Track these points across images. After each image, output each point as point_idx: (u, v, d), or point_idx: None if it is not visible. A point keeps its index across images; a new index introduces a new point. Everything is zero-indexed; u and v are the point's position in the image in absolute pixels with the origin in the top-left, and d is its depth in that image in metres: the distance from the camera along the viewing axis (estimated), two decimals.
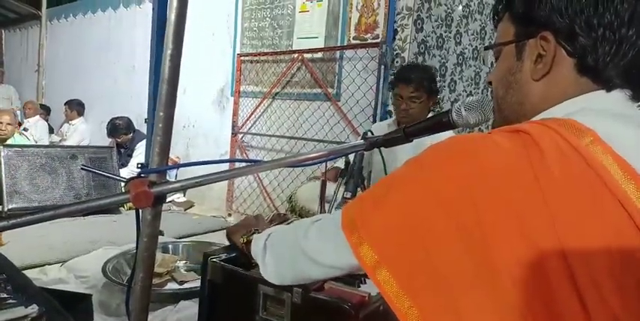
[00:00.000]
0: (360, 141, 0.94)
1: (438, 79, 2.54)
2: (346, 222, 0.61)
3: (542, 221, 0.49)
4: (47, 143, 5.07)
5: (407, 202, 0.56)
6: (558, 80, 0.64)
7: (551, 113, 0.62)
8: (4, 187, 2.53)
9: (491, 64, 0.76)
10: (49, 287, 1.27)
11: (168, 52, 0.73)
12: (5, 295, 1.00)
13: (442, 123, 0.83)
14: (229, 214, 4.21)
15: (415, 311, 0.52)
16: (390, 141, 0.92)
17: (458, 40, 3.65)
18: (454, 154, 0.55)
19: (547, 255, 0.48)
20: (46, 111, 6.00)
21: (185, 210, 3.85)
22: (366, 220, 0.58)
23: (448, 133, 0.94)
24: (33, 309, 0.93)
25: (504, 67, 0.70)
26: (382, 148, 1.01)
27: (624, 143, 0.53)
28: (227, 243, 1.06)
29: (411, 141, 0.91)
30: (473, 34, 3.83)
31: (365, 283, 0.92)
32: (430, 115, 2.18)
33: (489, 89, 0.77)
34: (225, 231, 1.07)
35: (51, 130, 5.79)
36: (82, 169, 2.73)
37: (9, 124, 3.44)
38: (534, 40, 0.64)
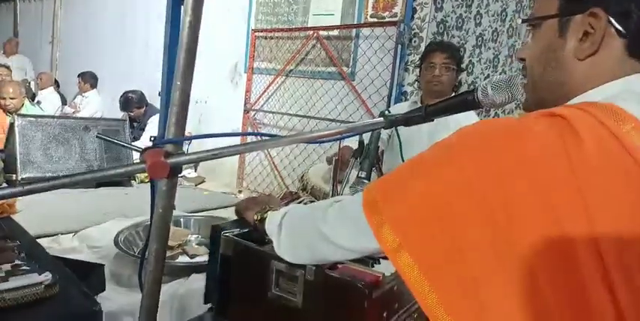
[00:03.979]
0: (379, 119, 0.91)
1: None
2: (367, 203, 0.60)
3: (575, 210, 0.47)
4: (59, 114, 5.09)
5: (434, 186, 0.54)
6: (605, 61, 0.60)
7: (590, 96, 0.59)
8: (18, 156, 2.54)
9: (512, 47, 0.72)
10: (62, 256, 1.28)
11: (188, 19, 0.71)
12: (19, 262, 1.00)
13: (467, 102, 0.80)
14: (239, 191, 4.22)
15: (434, 296, 0.51)
16: (410, 120, 0.89)
17: (478, 21, 3.56)
18: (487, 141, 0.53)
19: (578, 242, 0.47)
20: (56, 84, 6.00)
21: (196, 185, 3.87)
22: (388, 202, 0.57)
23: (470, 115, 0.91)
24: (47, 276, 0.93)
25: (543, 44, 0.66)
26: (400, 129, 0.99)
27: None
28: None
29: (432, 120, 0.88)
30: (493, 15, 3.73)
31: (379, 263, 0.91)
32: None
33: (521, 65, 0.73)
34: (234, 207, 1.06)
35: (64, 102, 5.81)
36: (97, 137, 2.73)
37: (12, 98, 3.34)
38: (581, 17, 0.61)
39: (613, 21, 0.58)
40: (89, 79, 5.56)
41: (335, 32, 3.65)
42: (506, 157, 0.51)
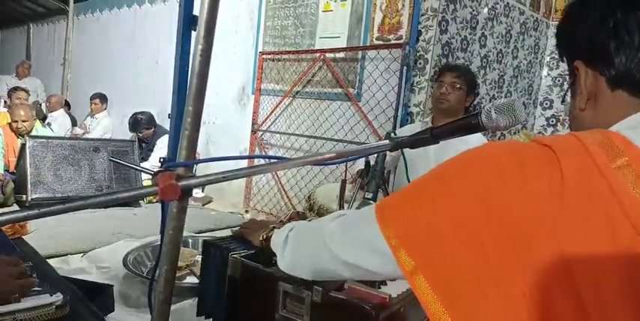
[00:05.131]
0: (385, 141, 0.93)
1: None
2: (383, 225, 0.60)
3: (549, 244, 0.48)
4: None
5: (433, 211, 0.56)
6: (601, 103, 0.63)
7: None
8: (29, 177, 2.58)
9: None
10: (72, 277, 1.29)
11: (200, 47, 0.74)
12: None
13: (471, 125, 0.82)
14: (246, 211, 4.23)
15: (447, 318, 0.52)
16: (416, 142, 0.90)
17: (482, 43, 3.61)
18: (482, 170, 0.55)
19: (552, 276, 0.47)
20: (67, 106, 6.10)
21: (203, 205, 3.89)
22: (399, 225, 0.59)
23: (477, 137, 0.93)
24: (58, 297, 0.94)
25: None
26: (408, 150, 1.00)
27: None
28: None
29: (438, 142, 0.90)
30: (498, 37, 3.78)
31: (386, 284, 0.91)
32: None
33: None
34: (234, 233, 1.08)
35: (74, 123, 5.89)
36: (110, 160, 2.78)
37: (24, 120, 3.40)
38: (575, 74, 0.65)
39: (589, 65, 0.62)
40: (105, 101, 5.65)
41: (341, 54, 3.71)
42: (495, 190, 0.52)
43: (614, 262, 0.47)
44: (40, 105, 5.97)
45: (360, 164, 1.87)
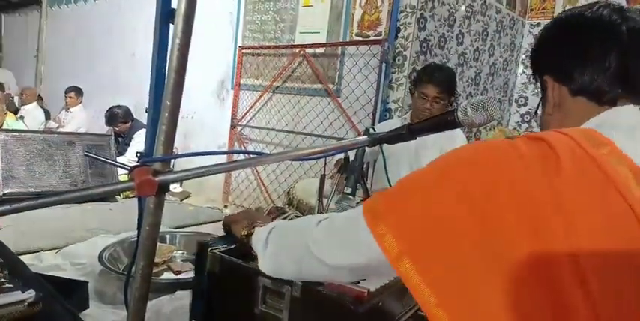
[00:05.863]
0: (364, 137, 0.94)
1: None
2: (370, 212, 0.63)
3: (555, 223, 0.51)
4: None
5: (432, 197, 0.58)
6: (564, 108, 0.73)
7: None
8: (0, 172, 2.52)
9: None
10: (45, 273, 1.27)
11: (177, 41, 0.73)
12: (2, 280, 1.00)
13: (448, 121, 0.84)
14: (225, 206, 4.21)
15: (434, 299, 0.54)
16: (394, 138, 0.92)
17: (460, 41, 3.65)
18: (482, 157, 0.59)
19: (558, 256, 0.50)
20: (40, 99, 5.95)
21: (181, 200, 3.85)
22: (391, 212, 0.61)
23: (456, 132, 0.97)
24: (30, 294, 0.93)
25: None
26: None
27: (636, 158, 0.56)
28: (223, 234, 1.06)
29: (415, 138, 0.91)
30: (475, 35, 3.83)
31: (364, 278, 0.92)
32: None
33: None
34: (222, 221, 1.07)
35: (47, 117, 5.76)
36: (85, 154, 2.72)
37: None
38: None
39: (555, 78, 0.74)
40: (80, 94, 5.53)
41: (321, 50, 3.71)
42: (495, 177, 0.55)
43: (618, 251, 0.51)
44: (12, 98, 5.81)
45: (340, 156, 1.88)
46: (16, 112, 5.14)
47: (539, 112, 0.82)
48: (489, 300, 0.51)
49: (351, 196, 1.41)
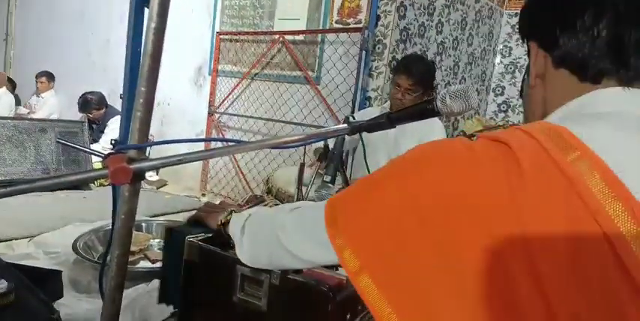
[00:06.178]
0: (343, 125, 0.93)
1: None
2: (329, 221, 0.61)
3: (511, 229, 0.49)
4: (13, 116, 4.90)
5: (385, 207, 0.56)
6: (547, 81, 0.67)
7: (549, 119, 0.64)
8: None
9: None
10: (17, 263, 1.24)
11: (153, 25, 0.71)
12: None
13: (427, 110, 0.84)
14: (203, 194, 4.17)
15: (394, 317, 0.52)
16: (373, 126, 0.92)
17: (439, 30, 3.66)
18: (434, 162, 0.56)
19: (511, 258, 0.48)
20: (12, 85, 5.76)
21: (158, 189, 3.80)
22: (348, 224, 0.59)
23: (434, 121, 0.95)
24: (2, 284, 0.90)
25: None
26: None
27: (623, 157, 0.51)
28: None
29: (395, 127, 0.91)
30: (454, 24, 3.84)
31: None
32: None
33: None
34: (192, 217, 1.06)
35: (18, 103, 5.59)
36: (57, 141, 2.65)
37: None
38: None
39: (540, 44, 0.67)
40: (52, 79, 5.38)
41: (300, 37, 3.67)
42: (449, 180, 0.53)
43: (570, 244, 0.48)
44: None
45: (318, 145, 1.88)
46: None
47: (525, 91, 0.74)
48: (449, 314, 0.50)
49: (330, 184, 1.41)
